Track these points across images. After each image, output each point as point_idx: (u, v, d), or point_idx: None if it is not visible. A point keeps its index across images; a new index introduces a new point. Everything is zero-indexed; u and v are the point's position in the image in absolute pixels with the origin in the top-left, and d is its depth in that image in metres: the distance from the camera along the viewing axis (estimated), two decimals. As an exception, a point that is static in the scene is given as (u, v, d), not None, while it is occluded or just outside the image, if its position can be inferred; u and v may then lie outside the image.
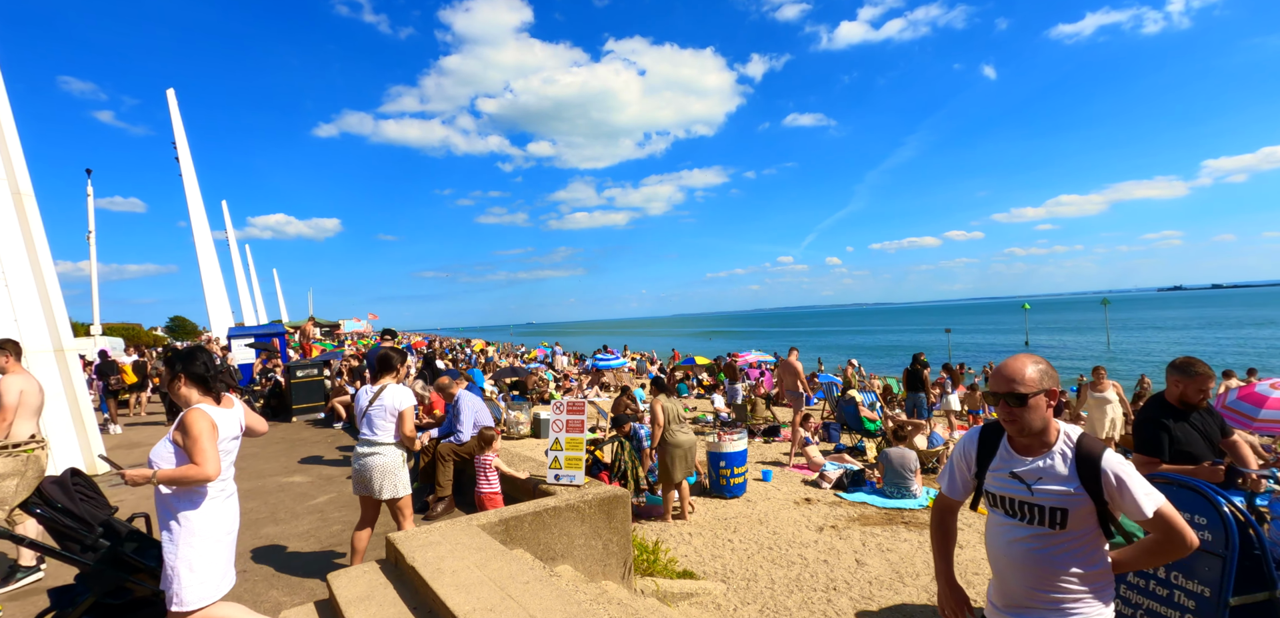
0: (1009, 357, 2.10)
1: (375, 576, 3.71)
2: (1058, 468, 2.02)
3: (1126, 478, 1.96)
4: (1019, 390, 2.01)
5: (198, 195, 27.44)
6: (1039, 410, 2.03)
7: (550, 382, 21.36)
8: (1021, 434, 2.06)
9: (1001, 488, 2.13)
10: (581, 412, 5.16)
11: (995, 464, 2.16)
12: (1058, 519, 2.01)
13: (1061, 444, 2.06)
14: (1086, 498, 1.98)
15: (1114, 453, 2.00)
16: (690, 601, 4.97)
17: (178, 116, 25.99)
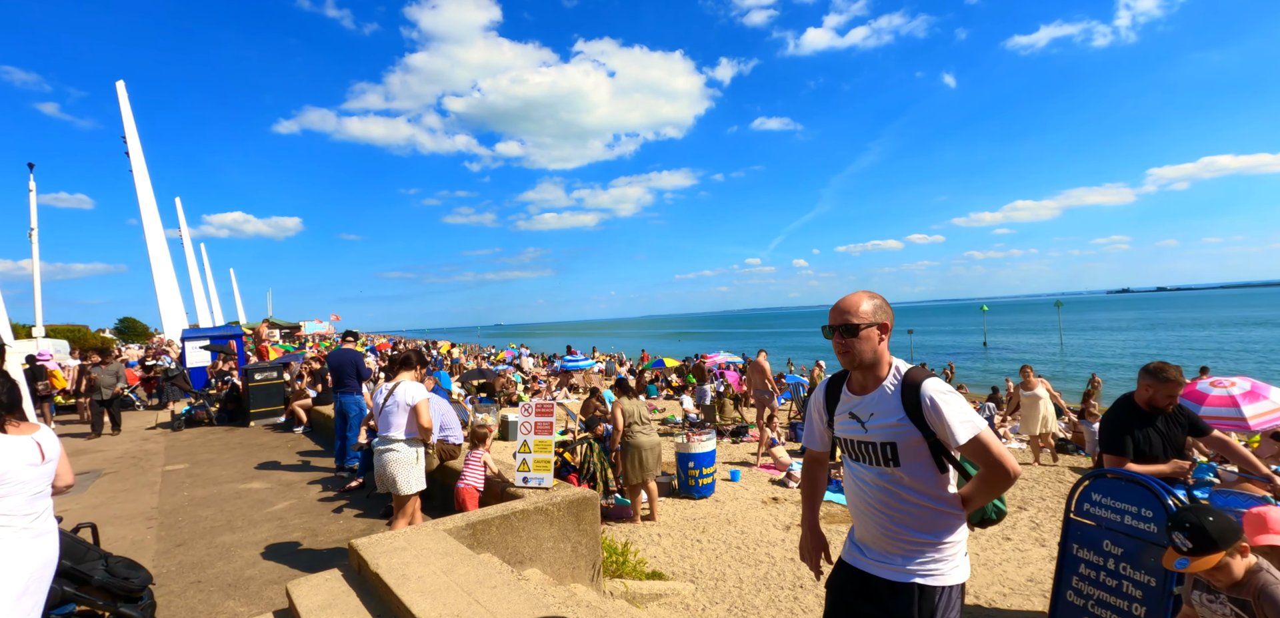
0: (848, 294, 2.11)
1: (337, 583, 3.62)
2: (887, 402, 2.01)
3: (942, 403, 1.92)
4: (851, 320, 2.01)
5: (149, 192, 26.38)
6: (870, 342, 2.02)
7: (518, 384, 21.17)
8: (854, 365, 2.05)
9: (844, 431, 2.12)
10: (550, 414, 5.12)
11: (839, 407, 2.17)
12: (890, 455, 1.98)
13: (891, 377, 2.05)
14: (914, 430, 1.94)
15: (936, 380, 2.00)
16: (659, 601, 4.98)
17: (128, 110, 24.97)
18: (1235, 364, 29.53)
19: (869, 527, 2.07)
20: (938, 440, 1.94)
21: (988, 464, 1.92)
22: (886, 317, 2.06)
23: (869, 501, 2.05)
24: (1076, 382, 22.67)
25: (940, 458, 1.97)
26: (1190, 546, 2.37)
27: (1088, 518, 3.51)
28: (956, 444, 1.89)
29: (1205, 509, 2.47)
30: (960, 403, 1.95)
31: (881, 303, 2.06)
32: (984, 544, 6.42)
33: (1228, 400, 6.37)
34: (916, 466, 1.97)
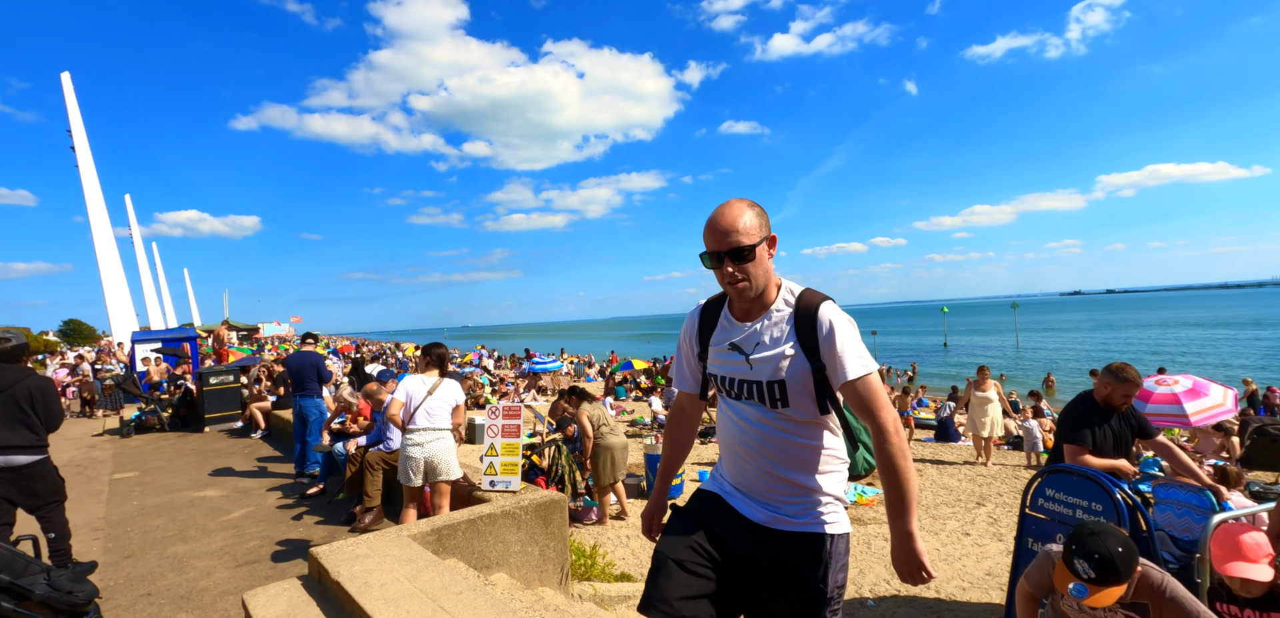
0: (721, 205, 1.71)
1: (296, 592, 3.52)
2: (777, 329, 1.72)
3: (840, 331, 1.66)
4: (742, 242, 1.65)
5: (97, 188, 25.26)
6: (763, 263, 1.71)
7: (485, 386, 20.93)
8: (750, 296, 1.73)
9: (721, 365, 1.81)
10: (517, 416, 5.07)
11: (715, 337, 1.84)
12: (778, 395, 1.70)
13: (781, 300, 1.75)
14: (806, 362, 1.68)
15: (835, 305, 1.74)
16: (628, 603, 4.97)
17: (73, 102, 23.88)
18: (1169, 362, 30.95)
19: (748, 472, 1.80)
20: (825, 376, 1.69)
21: (870, 412, 1.65)
22: (769, 226, 1.76)
23: (752, 443, 1.77)
24: (1032, 380, 23.47)
25: (825, 398, 1.72)
26: (1093, 576, 2.11)
27: (1042, 513, 3.64)
28: (844, 378, 1.63)
29: (1115, 535, 2.17)
30: (858, 336, 1.72)
31: (762, 211, 1.74)
32: (944, 540, 6.59)
33: (1171, 398, 6.66)
34: (805, 405, 1.71)
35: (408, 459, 4.73)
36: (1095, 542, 2.13)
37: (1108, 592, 2.09)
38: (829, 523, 1.76)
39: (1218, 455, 8.06)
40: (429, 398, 4.84)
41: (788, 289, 1.77)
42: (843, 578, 1.79)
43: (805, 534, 1.75)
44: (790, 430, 1.73)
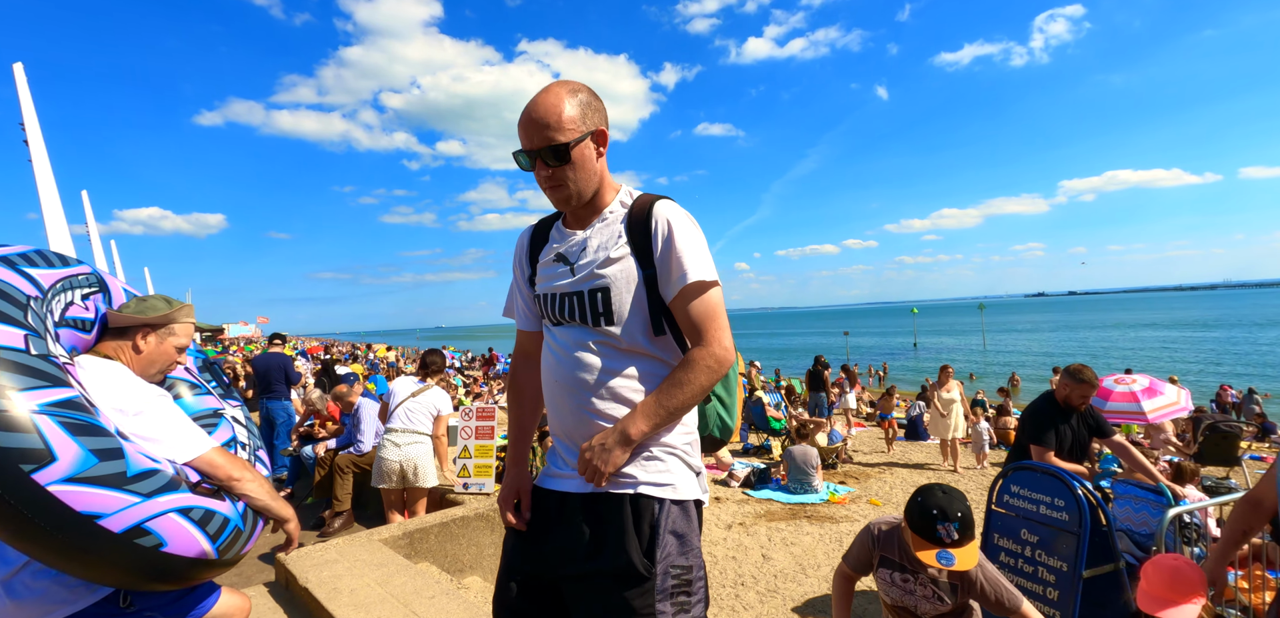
0: (537, 93, 1.42)
1: (262, 600, 3.44)
2: (607, 232, 1.46)
3: (679, 227, 1.41)
4: (557, 138, 1.37)
5: (51, 184, 24.37)
6: (588, 165, 1.43)
7: (459, 388, 20.72)
8: (575, 203, 1.46)
9: (546, 281, 1.52)
10: (491, 418, 5.03)
11: (544, 252, 1.55)
12: (600, 307, 1.40)
13: (619, 201, 1.50)
14: (636, 269, 1.41)
15: (678, 205, 1.47)
16: (602, 605, 4.97)
17: (26, 94, 22.96)
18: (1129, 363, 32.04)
19: (567, 416, 1.47)
20: (659, 288, 1.42)
21: (699, 329, 1.38)
22: (601, 118, 1.46)
23: (567, 375, 1.45)
24: (1000, 378, 24.08)
25: (660, 316, 1.43)
26: (957, 537, 2.03)
27: (1006, 509, 3.73)
28: (682, 282, 1.37)
29: (956, 492, 2.13)
30: (704, 242, 1.45)
31: (589, 98, 1.44)
32: (914, 537, 6.71)
33: (1129, 396, 6.90)
34: (635, 322, 1.42)
35: (381, 461, 4.62)
36: (953, 502, 2.08)
37: (968, 550, 2.05)
38: (662, 484, 1.40)
39: (1166, 451, 8.36)
40: (410, 400, 4.73)
41: (626, 192, 1.52)
42: (689, 563, 1.40)
43: (627, 498, 1.38)
44: (614, 357, 1.42)
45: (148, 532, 1.45)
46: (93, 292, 1.91)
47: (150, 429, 1.66)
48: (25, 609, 1.55)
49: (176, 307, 1.96)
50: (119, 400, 1.65)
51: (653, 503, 1.39)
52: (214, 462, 1.74)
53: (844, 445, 10.74)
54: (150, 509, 1.46)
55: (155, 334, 1.90)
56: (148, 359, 1.88)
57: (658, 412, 1.38)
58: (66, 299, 1.79)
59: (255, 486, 1.83)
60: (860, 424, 14.77)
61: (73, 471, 1.37)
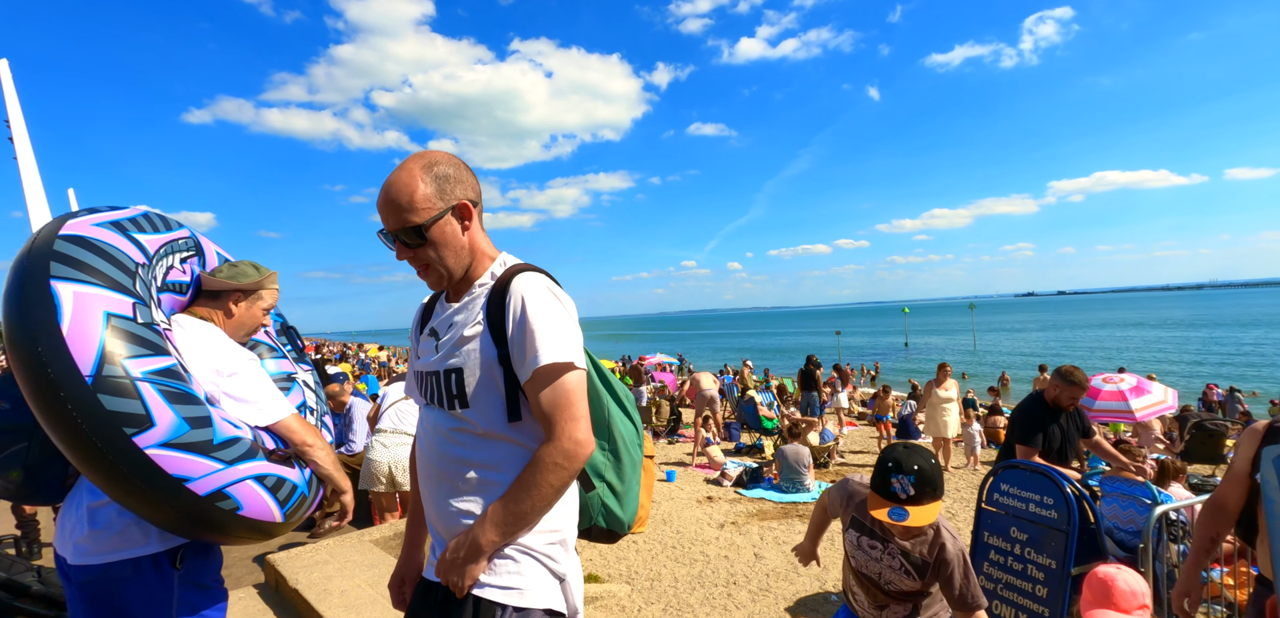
0: (393, 170, 1.33)
1: (252, 601, 3.41)
2: (471, 309, 1.36)
3: (534, 303, 1.28)
4: (413, 220, 1.29)
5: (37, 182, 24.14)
6: (453, 242, 1.34)
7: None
8: (444, 283, 1.39)
9: (419, 359, 1.45)
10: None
11: (426, 328, 1.48)
12: (454, 389, 1.32)
13: (490, 273, 1.39)
14: (493, 348, 1.30)
15: (546, 280, 1.36)
16: (594, 604, 4.96)
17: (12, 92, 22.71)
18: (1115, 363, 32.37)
19: (431, 507, 1.41)
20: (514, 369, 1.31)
21: (551, 417, 1.26)
22: (465, 189, 1.36)
23: (429, 465, 1.40)
24: (990, 378, 24.26)
25: (516, 400, 1.32)
26: (912, 493, 1.95)
27: (996, 507, 3.76)
28: (533, 365, 1.25)
29: (926, 451, 2.07)
30: (566, 320, 1.31)
31: (449, 169, 1.34)
32: (905, 535, 6.75)
33: (1118, 395, 6.96)
34: (491, 406, 1.32)
35: (370, 463, 4.61)
36: (913, 456, 2.01)
37: (926, 508, 1.96)
38: (507, 587, 1.30)
39: (1154, 449, 8.45)
40: (402, 402, 4.72)
41: (501, 262, 1.42)
42: None
43: (470, 600, 1.30)
44: (473, 444, 1.33)
45: (227, 497, 1.59)
46: (190, 255, 2.01)
47: (241, 390, 1.78)
48: (100, 539, 1.66)
49: (265, 274, 2.05)
50: (216, 362, 1.77)
51: (495, 608, 1.29)
52: (292, 427, 1.84)
53: (836, 444, 10.79)
54: (231, 476, 1.60)
55: (247, 300, 1.99)
56: (237, 323, 1.98)
57: (506, 519, 1.28)
58: (168, 263, 1.89)
59: (323, 453, 1.91)
60: (852, 423, 14.84)
61: (167, 436, 1.50)
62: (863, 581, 2.28)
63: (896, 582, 2.16)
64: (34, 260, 1.55)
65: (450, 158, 1.37)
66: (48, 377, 1.42)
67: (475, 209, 1.38)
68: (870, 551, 2.20)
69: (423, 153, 1.37)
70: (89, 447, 1.44)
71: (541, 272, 1.38)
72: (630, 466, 1.56)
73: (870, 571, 2.22)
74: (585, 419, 1.29)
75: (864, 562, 2.23)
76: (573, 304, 1.38)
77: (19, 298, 1.50)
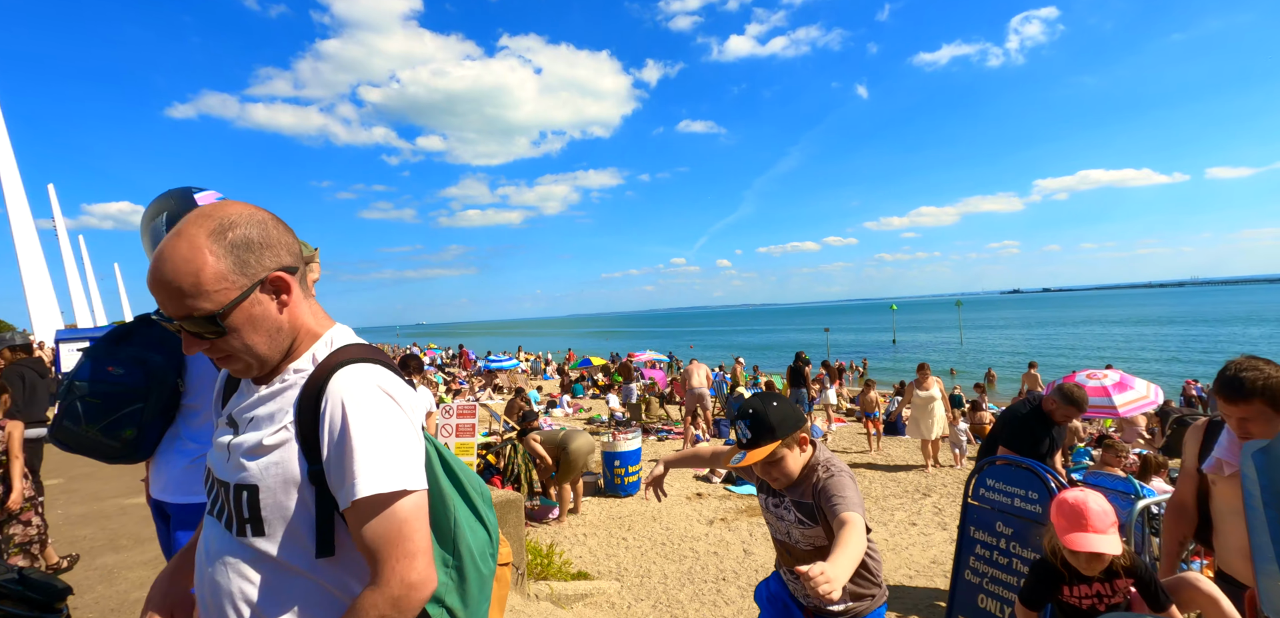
0: (165, 238, 1.01)
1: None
2: (279, 402, 1.07)
3: (359, 411, 1.00)
4: (204, 308, 0.99)
5: (15, 177, 23.72)
6: (265, 324, 1.05)
7: (440, 385, 20.56)
8: (255, 370, 1.09)
9: (212, 452, 1.15)
10: (472, 415, 5.00)
11: (225, 409, 1.16)
12: (246, 511, 1.03)
13: (310, 356, 1.10)
14: (300, 461, 1.03)
15: (377, 373, 1.06)
16: (585, 601, 4.96)
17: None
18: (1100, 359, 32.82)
19: None
20: (331, 492, 1.04)
21: (378, 557, 0.99)
22: (278, 255, 1.07)
23: (208, 594, 1.09)
24: (976, 375, 24.50)
25: (330, 530, 1.05)
26: (749, 436, 2.07)
27: (982, 502, 3.80)
28: (350, 495, 0.98)
29: (770, 396, 2.16)
30: (400, 428, 1.04)
31: (251, 231, 1.04)
32: (892, 530, 6.81)
33: (1101, 391, 7.05)
34: (294, 537, 1.04)
35: None
36: (756, 401, 2.11)
37: (759, 450, 2.05)
38: None
39: (1135, 445, 8.57)
40: None
41: (327, 343, 1.12)
42: None
43: None
44: (260, 583, 1.04)
45: None
46: None
47: None
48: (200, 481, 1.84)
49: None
50: None
51: None
52: None
53: (824, 441, 10.84)
54: None
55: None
56: None
57: None
58: None
59: None
60: (840, 420, 14.94)
61: None
62: (781, 549, 2.30)
63: (801, 538, 2.16)
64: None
65: (253, 214, 1.06)
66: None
67: (294, 277, 1.09)
68: (775, 510, 2.23)
69: (209, 211, 1.03)
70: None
71: (375, 358, 1.09)
72: (478, 585, 1.22)
73: (780, 533, 2.25)
74: (423, 554, 1.02)
75: (775, 524, 2.25)
76: (412, 398, 1.10)
77: None
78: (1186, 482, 2.48)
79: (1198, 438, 2.43)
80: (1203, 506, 2.43)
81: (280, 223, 1.11)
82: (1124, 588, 2.16)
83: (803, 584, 1.53)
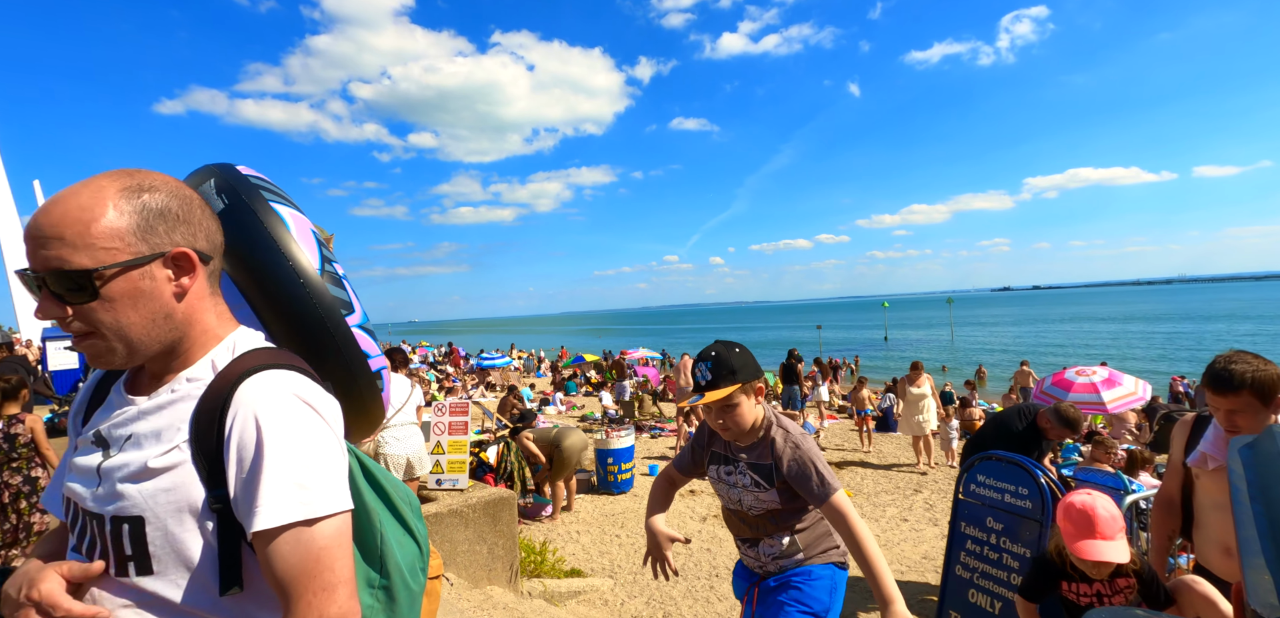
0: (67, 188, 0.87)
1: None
2: (168, 416, 0.89)
3: (273, 428, 0.86)
4: (73, 261, 0.82)
5: (0, 174, 23.48)
6: (145, 304, 0.88)
7: (432, 383, 20.49)
8: (117, 361, 0.90)
9: (73, 474, 0.94)
10: (464, 413, 4.99)
11: (88, 425, 0.97)
12: (128, 547, 0.86)
13: (208, 362, 0.93)
14: (195, 488, 0.86)
15: (293, 379, 0.92)
16: (578, 599, 4.96)
17: (-28, 79, 22.02)
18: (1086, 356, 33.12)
19: None
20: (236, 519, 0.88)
21: (293, 592, 0.84)
22: (192, 233, 0.92)
23: None
24: (967, 371, 24.67)
25: (235, 563, 0.88)
26: (710, 377, 1.99)
27: (973, 498, 3.82)
28: (263, 520, 0.83)
29: (732, 343, 2.08)
30: (321, 442, 0.90)
31: (169, 201, 0.91)
32: (884, 526, 6.85)
33: (1090, 387, 7.11)
34: (192, 573, 0.87)
35: (386, 458, 4.81)
36: (717, 345, 2.04)
37: (721, 390, 1.97)
38: None
39: (1124, 442, 8.66)
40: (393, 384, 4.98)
41: (229, 348, 0.96)
42: None
43: None
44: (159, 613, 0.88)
45: (381, 377, 1.94)
46: None
47: None
48: None
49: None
50: None
51: None
52: None
53: (817, 438, 10.89)
54: (381, 363, 1.96)
55: None
56: None
57: None
58: None
59: None
60: (833, 417, 15.00)
61: (361, 321, 1.89)
62: (732, 517, 2.23)
63: (754, 503, 2.09)
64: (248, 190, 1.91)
65: (180, 189, 0.93)
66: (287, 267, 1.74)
67: (203, 267, 0.94)
68: (727, 477, 2.15)
69: (132, 170, 0.90)
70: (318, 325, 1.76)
71: (289, 363, 0.95)
72: (408, 603, 1.13)
73: (733, 501, 2.17)
74: (345, 584, 0.88)
75: (727, 493, 2.18)
76: (333, 407, 0.96)
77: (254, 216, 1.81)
78: (1173, 477, 2.51)
79: (1184, 433, 2.46)
80: (1187, 500, 2.45)
81: (212, 214, 0.99)
82: (1125, 587, 2.17)
83: None
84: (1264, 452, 1.03)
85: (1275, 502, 0.94)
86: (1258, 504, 0.98)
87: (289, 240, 1.67)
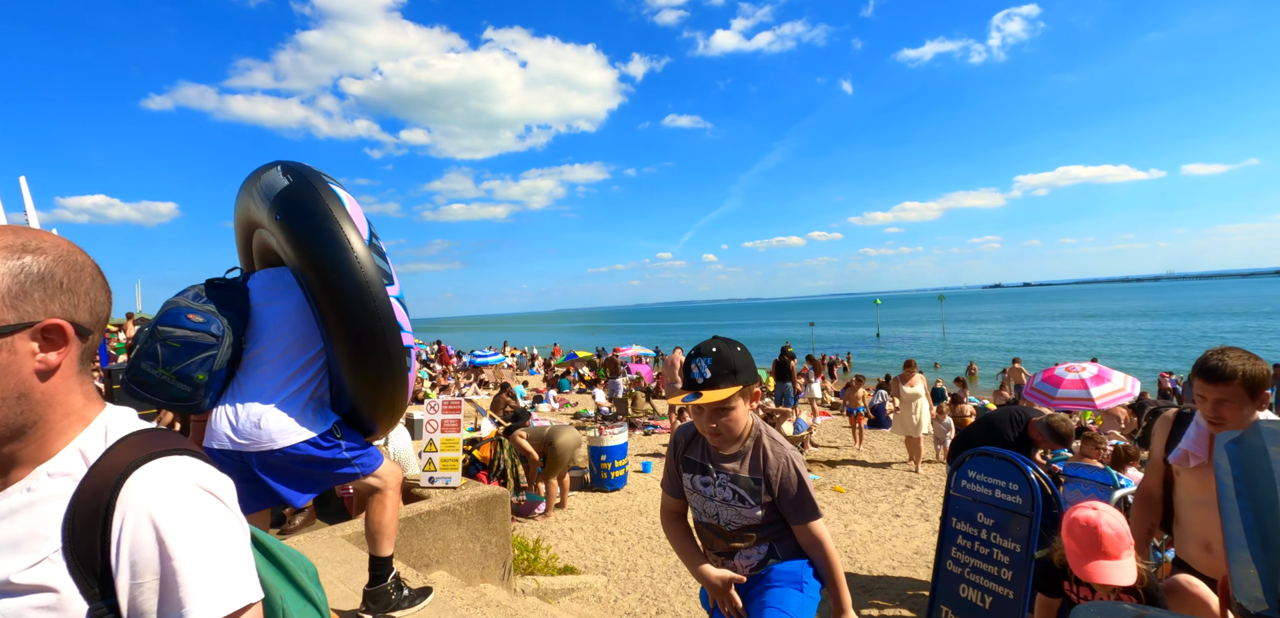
0: None
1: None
2: (27, 521, 0.75)
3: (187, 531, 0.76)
4: None
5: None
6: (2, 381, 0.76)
7: (424, 380, 20.41)
8: None
9: None
10: (457, 410, 4.97)
11: None
12: None
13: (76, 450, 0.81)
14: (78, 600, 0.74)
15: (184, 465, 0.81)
16: (571, 596, 4.96)
17: (-43, 74, 21.73)
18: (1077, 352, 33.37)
19: None
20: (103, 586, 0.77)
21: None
22: (72, 304, 0.82)
23: None
24: (958, 368, 24.82)
25: None
26: (708, 375, 1.81)
27: (964, 494, 3.85)
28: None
29: (731, 340, 1.92)
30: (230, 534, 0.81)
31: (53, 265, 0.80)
32: (876, 522, 6.88)
33: (1079, 384, 7.16)
34: None
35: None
36: (715, 343, 1.88)
37: (720, 390, 1.81)
38: None
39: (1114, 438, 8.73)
40: None
41: (98, 433, 0.83)
42: None
43: None
44: None
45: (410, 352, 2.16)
46: None
47: None
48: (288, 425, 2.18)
49: None
50: None
51: None
52: None
53: (809, 434, 10.93)
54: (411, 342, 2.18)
55: None
56: None
57: None
58: None
59: None
60: (825, 413, 15.06)
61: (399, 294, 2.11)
62: (705, 530, 2.06)
63: (735, 517, 1.95)
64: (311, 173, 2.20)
65: (74, 256, 0.83)
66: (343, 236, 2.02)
67: (79, 342, 0.82)
68: (703, 488, 2.00)
69: (29, 229, 0.81)
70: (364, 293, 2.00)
71: (179, 448, 0.84)
72: None
73: (708, 515, 2.01)
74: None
75: (702, 506, 2.02)
76: (229, 487, 0.86)
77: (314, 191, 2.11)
78: (1153, 472, 2.53)
79: (1166, 429, 2.47)
80: (1167, 495, 2.48)
81: (103, 284, 0.87)
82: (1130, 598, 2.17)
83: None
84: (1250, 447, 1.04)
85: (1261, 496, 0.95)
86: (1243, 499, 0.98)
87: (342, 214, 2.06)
